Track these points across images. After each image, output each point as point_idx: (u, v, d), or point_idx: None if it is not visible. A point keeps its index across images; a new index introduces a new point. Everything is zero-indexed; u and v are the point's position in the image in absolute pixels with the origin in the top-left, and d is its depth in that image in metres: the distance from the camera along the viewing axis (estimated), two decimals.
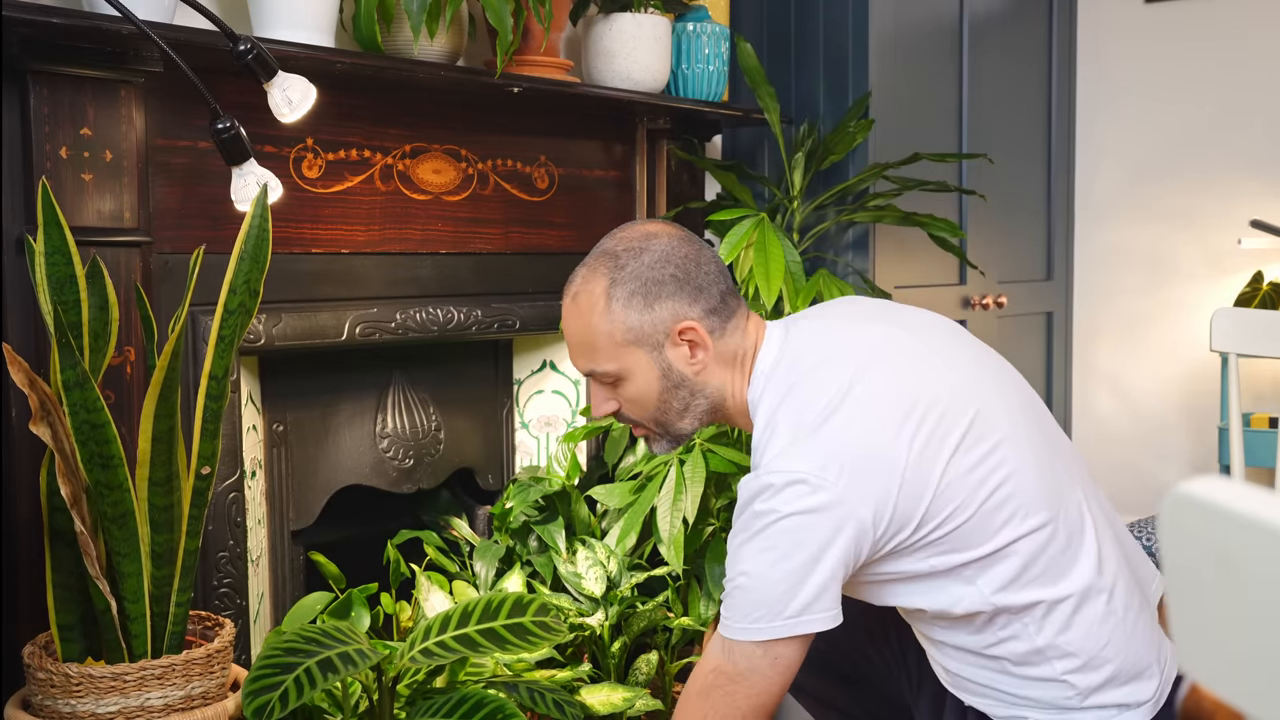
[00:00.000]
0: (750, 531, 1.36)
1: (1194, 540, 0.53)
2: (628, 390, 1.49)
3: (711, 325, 1.48)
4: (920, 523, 1.37)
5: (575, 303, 1.50)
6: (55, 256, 1.57)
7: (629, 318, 1.46)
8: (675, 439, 1.54)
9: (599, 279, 1.47)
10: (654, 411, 1.51)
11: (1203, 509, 0.53)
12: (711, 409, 1.52)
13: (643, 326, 1.46)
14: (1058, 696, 1.43)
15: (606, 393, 1.52)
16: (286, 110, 1.79)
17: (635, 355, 1.47)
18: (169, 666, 1.58)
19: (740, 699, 1.39)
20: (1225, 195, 3.30)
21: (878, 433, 1.36)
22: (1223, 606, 0.53)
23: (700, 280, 1.47)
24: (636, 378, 1.48)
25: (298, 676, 1.36)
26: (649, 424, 1.53)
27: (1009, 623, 1.42)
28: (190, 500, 1.64)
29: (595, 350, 1.48)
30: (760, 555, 1.35)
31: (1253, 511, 0.51)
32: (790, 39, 2.95)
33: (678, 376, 1.48)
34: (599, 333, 1.47)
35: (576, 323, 1.50)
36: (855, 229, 2.85)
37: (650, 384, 1.48)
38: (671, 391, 1.49)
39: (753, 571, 1.36)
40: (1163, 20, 3.40)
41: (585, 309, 1.48)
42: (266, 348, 2.05)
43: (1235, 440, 2.17)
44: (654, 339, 1.46)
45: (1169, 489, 0.54)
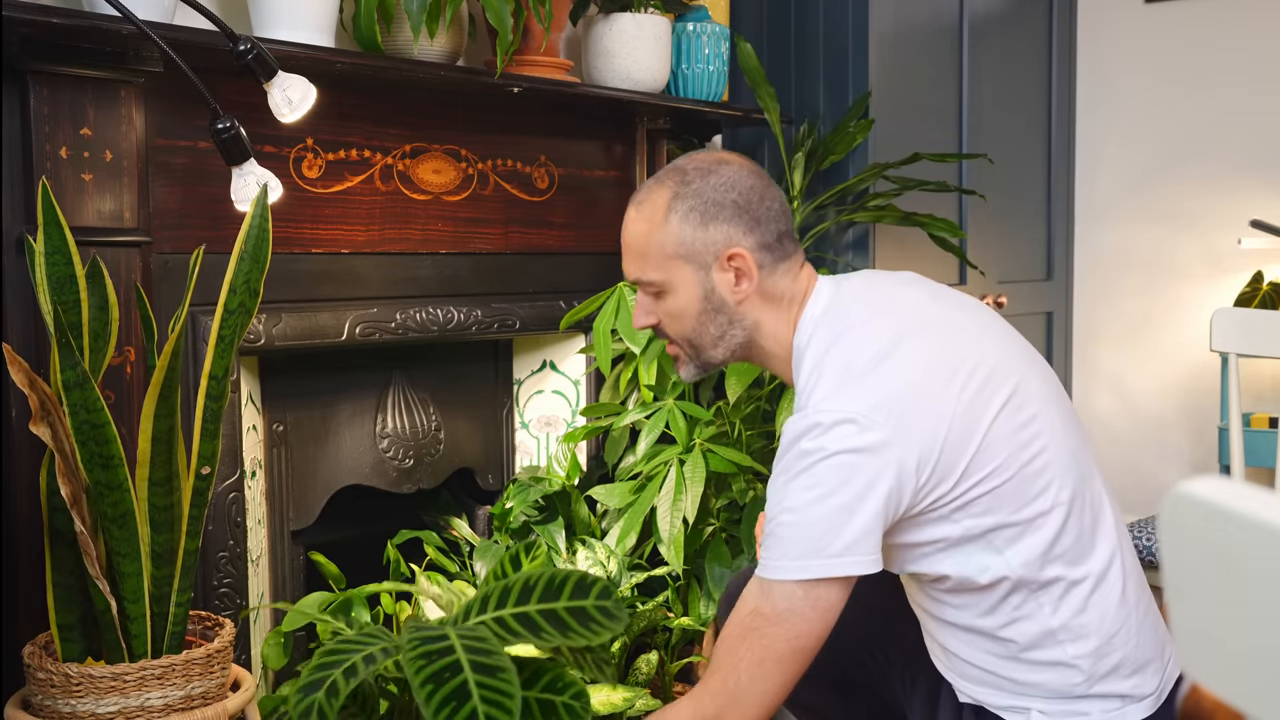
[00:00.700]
0: (795, 469, 1.36)
1: (1194, 540, 0.53)
2: (669, 304, 1.51)
3: (762, 260, 1.49)
4: (961, 476, 1.37)
5: (638, 209, 1.53)
6: (55, 256, 1.57)
7: (683, 232, 1.48)
8: (703, 365, 1.54)
9: (664, 190, 1.50)
10: (690, 332, 1.51)
11: (1203, 509, 0.53)
12: (746, 343, 1.52)
13: (694, 243, 1.48)
14: (1064, 683, 1.43)
15: (649, 304, 1.54)
16: (286, 110, 1.79)
17: (682, 270, 1.49)
18: (169, 666, 1.58)
19: (779, 641, 1.36)
20: (1225, 195, 3.30)
21: (927, 380, 1.38)
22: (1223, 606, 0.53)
23: (760, 214, 1.49)
24: (679, 293, 1.49)
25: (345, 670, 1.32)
26: (683, 344, 1.53)
27: (1025, 601, 1.41)
28: (190, 500, 1.64)
29: (646, 258, 1.50)
30: (804, 493, 1.35)
31: (1253, 511, 0.51)
32: (790, 39, 2.95)
33: (719, 301, 1.49)
34: (652, 241, 1.49)
35: (634, 228, 1.53)
36: (855, 229, 2.85)
37: (691, 302, 1.49)
38: (710, 315, 1.50)
39: (796, 509, 1.35)
40: (1163, 20, 3.40)
41: (645, 216, 1.51)
42: (266, 348, 2.05)
43: (1235, 440, 2.17)
44: (703, 258, 1.48)
45: (1169, 489, 0.54)
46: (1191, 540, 0.53)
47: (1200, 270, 3.36)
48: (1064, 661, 1.42)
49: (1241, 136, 3.28)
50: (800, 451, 1.36)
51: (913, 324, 1.44)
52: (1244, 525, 0.51)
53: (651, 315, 1.54)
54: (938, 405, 1.36)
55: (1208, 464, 3.34)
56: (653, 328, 1.56)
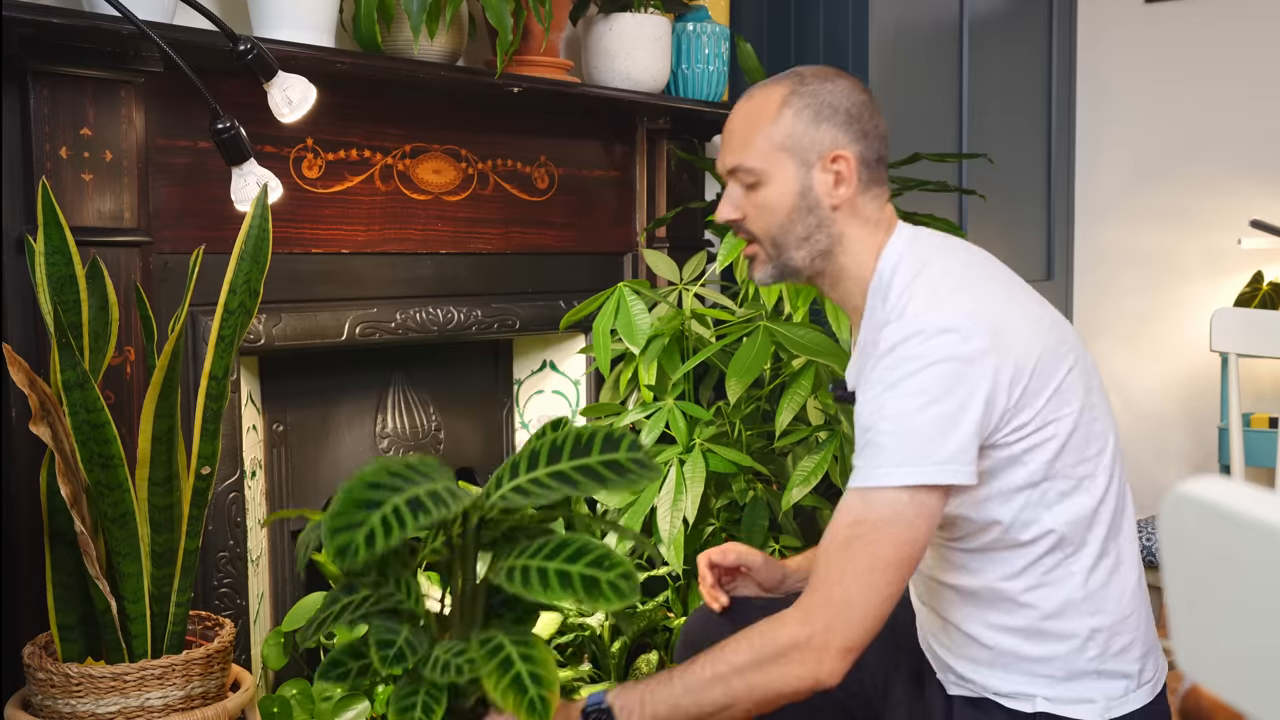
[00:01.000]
0: (897, 375, 1.36)
1: (1194, 540, 0.53)
2: (762, 196, 1.50)
3: (860, 173, 1.50)
4: (1043, 408, 1.38)
5: (748, 100, 1.53)
6: (55, 256, 1.57)
7: (794, 126, 1.48)
8: (781, 268, 1.52)
9: (779, 87, 1.51)
10: (777, 228, 1.50)
11: (1203, 509, 0.53)
12: (827, 253, 1.51)
13: (802, 139, 1.48)
14: (1077, 658, 1.43)
15: (739, 197, 1.52)
16: (286, 110, 1.79)
17: (784, 163, 1.48)
18: (169, 666, 1.58)
19: (886, 548, 1.33)
20: (1225, 195, 3.30)
21: (1016, 313, 1.41)
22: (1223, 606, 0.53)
23: (868, 129, 1.50)
24: (775, 185, 1.49)
25: (385, 516, 1.19)
26: (765, 241, 1.51)
27: (1058, 564, 1.42)
28: (190, 500, 1.64)
29: (748, 146, 1.50)
30: (909, 399, 1.34)
31: (1253, 511, 0.51)
32: (790, 39, 2.95)
33: (813, 200, 1.49)
34: (760, 130, 1.49)
35: (741, 117, 1.52)
36: None
37: (786, 197, 1.49)
38: (801, 213, 1.49)
39: (898, 416, 1.34)
40: (1163, 20, 3.40)
41: (755, 107, 1.51)
42: (266, 348, 2.05)
43: (1235, 440, 2.17)
44: (807, 155, 1.48)
45: (1169, 489, 0.54)
46: (1191, 540, 0.53)
47: (1200, 270, 3.35)
48: (1080, 634, 1.43)
49: (1241, 136, 3.28)
50: (903, 357, 1.36)
51: (994, 271, 1.50)
52: (1244, 525, 0.51)
53: (738, 210, 1.52)
54: (1026, 332, 1.39)
55: (1208, 464, 3.34)
56: (734, 224, 1.54)
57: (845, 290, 1.53)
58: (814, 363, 2.25)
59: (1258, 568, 0.50)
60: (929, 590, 1.54)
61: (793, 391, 2.24)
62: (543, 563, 1.29)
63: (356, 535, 1.17)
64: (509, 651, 1.27)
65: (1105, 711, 1.44)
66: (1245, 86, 3.26)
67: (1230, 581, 0.52)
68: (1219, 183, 3.31)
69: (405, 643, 1.31)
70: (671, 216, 2.68)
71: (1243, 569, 0.51)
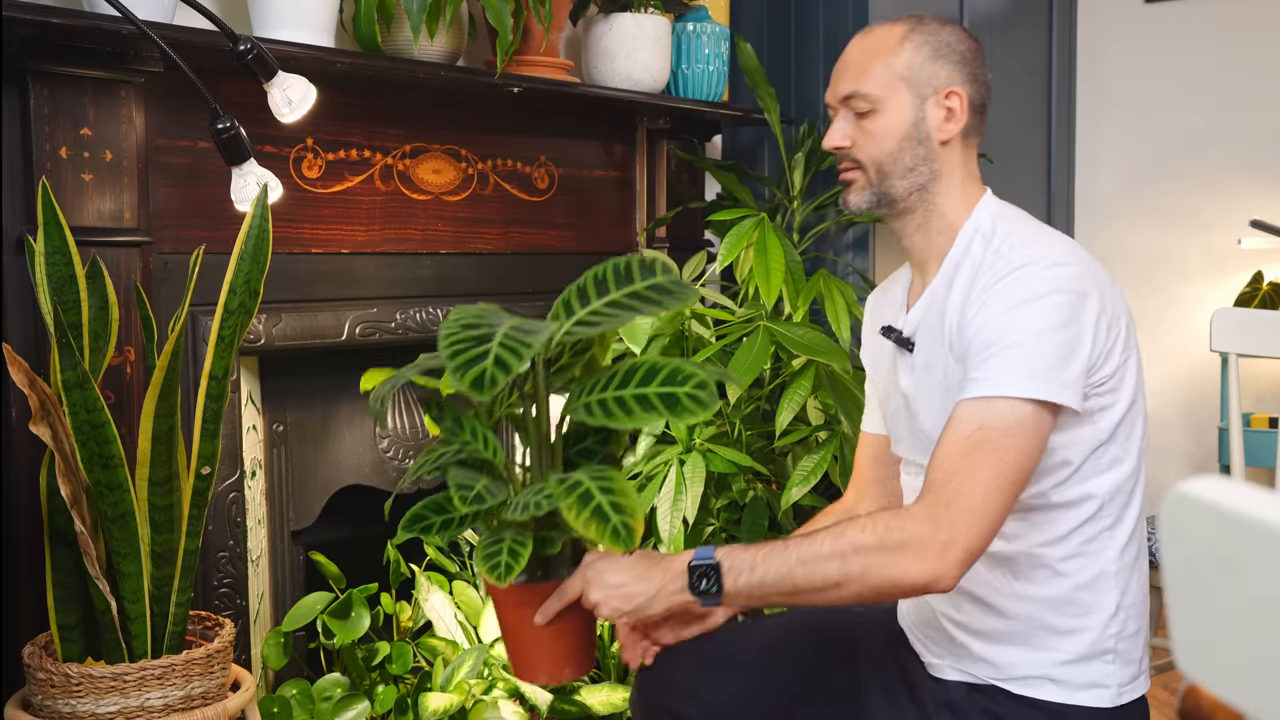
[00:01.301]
0: (1024, 295, 1.38)
1: (1194, 540, 0.53)
2: (875, 123, 1.52)
3: (969, 115, 1.54)
4: (1119, 366, 1.43)
5: (866, 35, 1.56)
6: (55, 256, 1.57)
7: (913, 59, 1.52)
8: (879, 196, 1.54)
9: (899, 25, 1.55)
10: (885, 155, 1.52)
11: (1203, 509, 0.53)
12: (926, 187, 1.53)
13: (920, 71, 1.52)
14: (1100, 636, 1.44)
15: (848, 125, 1.55)
16: (286, 110, 1.79)
17: (900, 93, 1.52)
18: (169, 666, 1.58)
19: (1010, 455, 1.34)
20: (1225, 195, 3.30)
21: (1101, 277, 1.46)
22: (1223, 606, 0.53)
23: (978, 74, 1.55)
24: (890, 114, 1.52)
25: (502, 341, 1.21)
26: (870, 168, 1.53)
27: (1099, 534, 1.44)
28: (190, 500, 1.64)
29: (867, 72, 1.53)
30: (1039, 320, 1.37)
31: (1253, 511, 0.51)
32: (790, 39, 2.95)
33: (924, 132, 1.52)
34: (879, 59, 1.53)
35: (860, 48, 1.56)
36: (855, 229, 2.85)
37: (899, 126, 1.52)
38: (911, 144, 1.52)
39: (1032, 333, 1.37)
40: (1163, 20, 3.40)
41: (875, 39, 1.55)
42: (266, 348, 2.05)
43: (1235, 440, 2.17)
44: (923, 88, 1.52)
45: (1169, 489, 0.54)
46: (1191, 540, 0.53)
47: (1200, 270, 3.35)
48: (1108, 609, 1.44)
49: (1241, 136, 3.28)
50: (1025, 280, 1.39)
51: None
52: (1244, 525, 0.51)
53: (846, 137, 1.54)
54: (1113, 289, 1.45)
55: (1208, 464, 3.34)
56: (839, 151, 1.56)
57: (933, 231, 1.54)
58: (814, 363, 2.25)
59: (1258, 568, 0.50)
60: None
61: (793, 391, 2.24)
62: (616, 392, 1.30)
63: (487, 364, 1.20)
64: (588, 485, 1.28)
65: (1116, 697, 1.44)
66: (1245, 86, 3.26)
67: (1230, 581, 0.52)
68: (1219, 183, 3.31)
69: (484, 488, 1.33)
70: (671, 216, 2.68)
71: (1243, 569, 0.51)
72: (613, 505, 1.25)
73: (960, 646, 1.51)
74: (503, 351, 1.21)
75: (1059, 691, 1.44)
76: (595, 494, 1.26)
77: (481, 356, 1.20)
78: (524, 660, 1.43)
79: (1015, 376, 1.36)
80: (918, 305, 1.55)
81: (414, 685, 2.04)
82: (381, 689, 2.03)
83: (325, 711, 1.99)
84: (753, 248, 2.36)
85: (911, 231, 1.56)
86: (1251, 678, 0.52)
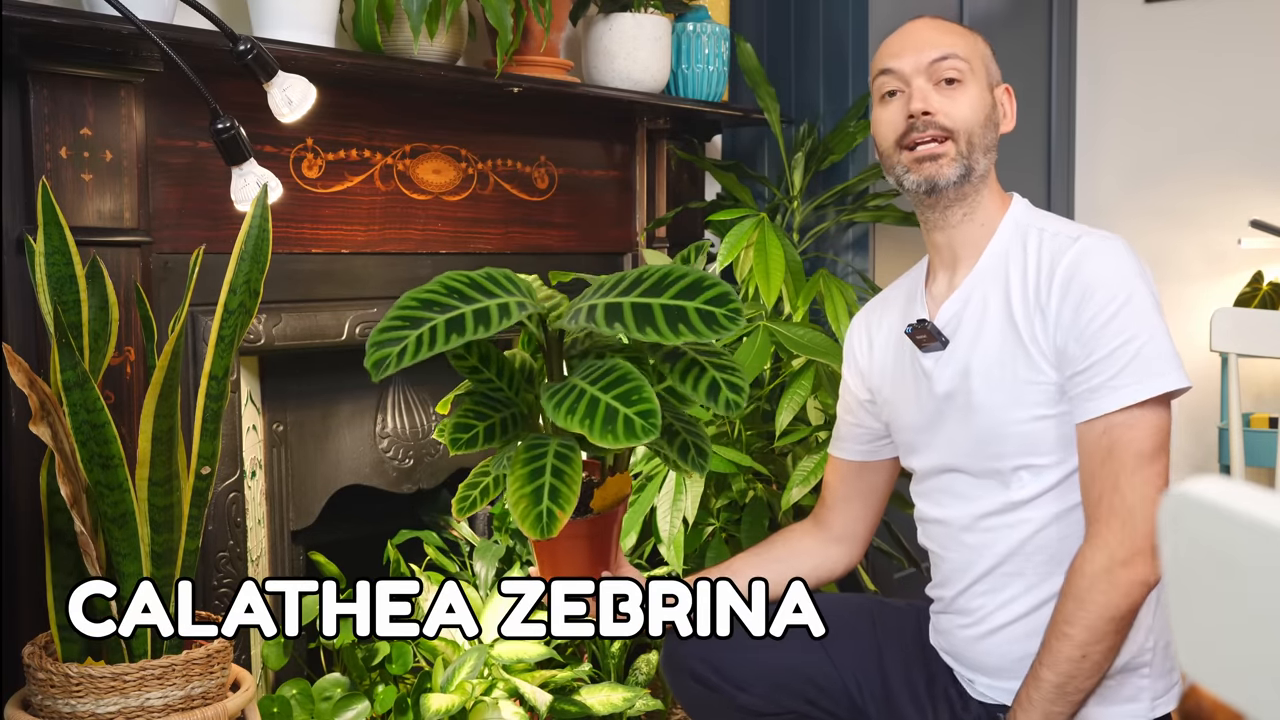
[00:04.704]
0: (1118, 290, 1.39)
1: (1194, 540, 0.53)
2: (964, 93, 1.51)
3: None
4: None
5: (933, 19, 1.56)
6: (55, 256, 1.57)
7: (984, 49, 1.56)
8: (967, 169, 1.50)
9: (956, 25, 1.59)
10: (977, 126, 1.51)
11: (1203, 509, 0.53)
12: (984, 176, 1.54)
13: (990, 62, 1.56)
14: (1138, 649, 1.43)
15: (928, 92, 1.50)
16: (286, 110, 1.79)
17: (980, 74, 1.53)
18: (169, 666, 1.58)
19: (1169, 454, 1.40)
20: (1225, 195, 3.30)
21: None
22: (1223, 606, 0.53)
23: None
24: (973, 88, 1.52)
25: (421, 334, 1.25)
26: (962, 137, 1.50)
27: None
28: (190, 500, 1.64)
29: (956, 43, 1.51)
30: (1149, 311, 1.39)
31: (1253, 511, 0.51)
32: (790, 39, 2.95)
33: (996, 118, 1.55)
34: (963, 35, 1.54)
35: (935, 26, 1.55)
36: (855, 229, 2.85)
37: (982, 102, 1.52)
38: (989, 125, 1.54)
39: (1153, 327, 1.39)
40: (1163, 20, 3.39)
41: (946, 23, 1.56)
42: (266, 348, 2.05)
43: (1235, 440, 2.17)
44: (992, 77, 1.56)
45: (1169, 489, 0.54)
46: (1191, 540, 0.53)
47: (1200, 270, 3.35)
48: (1144, 620, 1.43)
49: (1242, 136, 3.28)
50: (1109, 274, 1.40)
51: None
52: (1244, 525, 0.51)
53: (932, 103, 1.49)
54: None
55: (1208, 464, 3.34)
56: (924, 118, 1.49)
57: (973, 227, 1.53)
58: (814, 363, 2.25)
59: (1258, 568, 0.50)
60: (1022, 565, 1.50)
61: (793, 391, 2.24)
62: (586, 385, 1.27)
63: (391, 351, 1.24)
64: (546, 461, 1.27)
65: (1150, 711, 1.44)
66: (1245, 86, 3.26)
67: (1230, 581, 0.52)
68: (1219, 183, 3.31)
69: (485, 429, 1.35)
70: (671, 216, 2.68)
71: (1243, 569, 0.51)
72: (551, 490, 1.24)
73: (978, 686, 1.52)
74: (413, 344, 1.24)
75: (1097, 704, 1.43)
76: (546, 474, 1.25)
77: (397, 340, 1.24)
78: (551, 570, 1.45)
79: (1154, 376, 1.38)
80: (952, 301, 1.52)
81: (414, 685, 2.04)
82: (381, 689, 2.03)
83: (325, 711, 1.99)
84: (753, 248, 2.36)
85: (955, 222, 1.52)
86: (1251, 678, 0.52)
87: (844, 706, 1.57)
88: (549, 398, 1.26)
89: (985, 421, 1.46)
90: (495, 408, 1.38)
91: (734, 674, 1.56)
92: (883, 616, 1.65)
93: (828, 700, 1.57)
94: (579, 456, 1.30)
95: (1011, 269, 1.46)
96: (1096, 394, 1.37)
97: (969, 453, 1.48)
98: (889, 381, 1.60)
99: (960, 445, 1.49)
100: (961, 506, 1.50)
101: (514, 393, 1.37)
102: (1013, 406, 1.42)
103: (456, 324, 1.26)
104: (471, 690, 2.00)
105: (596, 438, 1.20)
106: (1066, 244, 1.43)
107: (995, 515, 1.47)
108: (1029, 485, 1.44)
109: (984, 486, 1.48)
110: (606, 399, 1.23)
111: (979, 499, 1.48)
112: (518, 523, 1.23)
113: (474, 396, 1.39)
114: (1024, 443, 1.43)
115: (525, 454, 1.28)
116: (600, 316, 1.26)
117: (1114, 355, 1.37)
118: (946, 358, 1.50)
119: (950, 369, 1.49)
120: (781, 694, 1.56)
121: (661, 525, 2.19)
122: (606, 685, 2.13)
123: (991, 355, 1.46)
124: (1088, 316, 1.38)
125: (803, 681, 1.56)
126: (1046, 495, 1.44)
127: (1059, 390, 1.41)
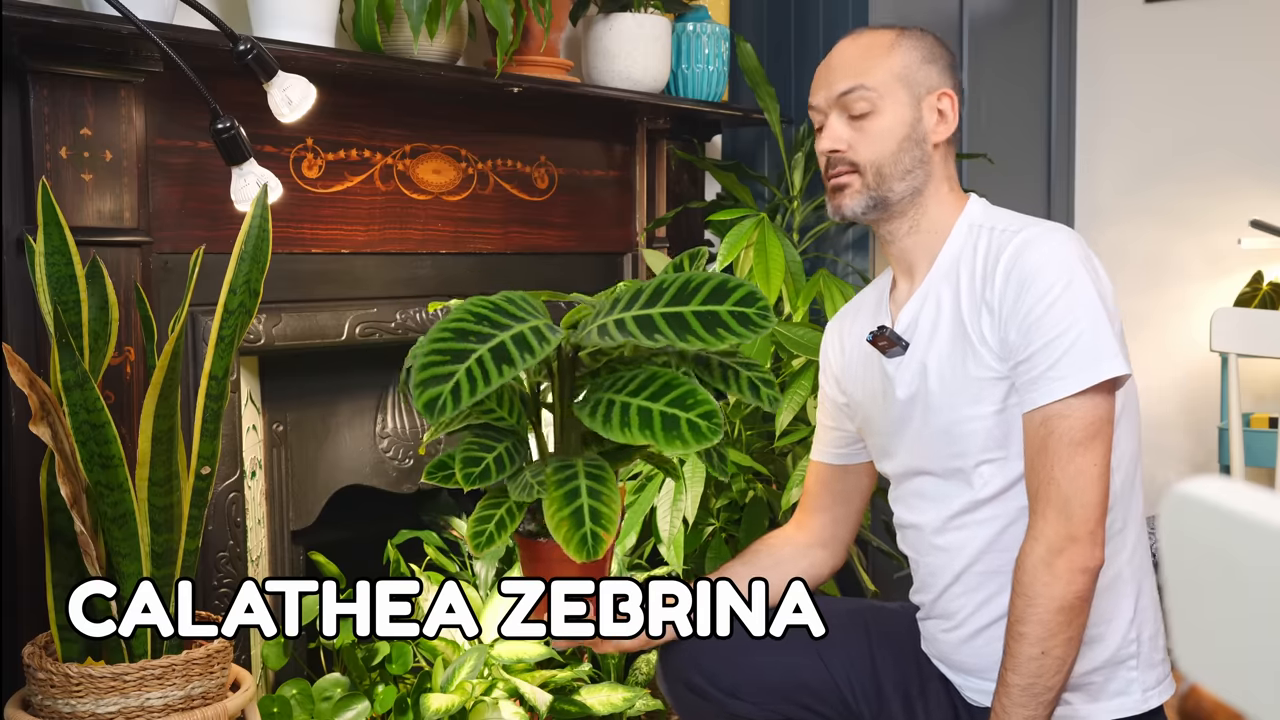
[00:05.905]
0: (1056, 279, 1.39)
1: (1194, 540, 0.53)
2: (874, 124, 1.50)
3: (958, 117, 1.55)
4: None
5: (856, 37, 1.56)
6: (55, 256, 1.57)
7: (908, 59, 1.52)
8: (879, 199, 1.51)
9: (887, 30, 1.56)
10: (884, 157, 1.50)
11: (1203, 509, 0.52)
12: (919, 190, 1.52)
13: (916, 73, 1.52)
14: (1121, 641, 1.44)
15: (843, 126, 1.52)
16: (286, 110, 1.79)
17: (897, 94, 1.51)
18: (169, 666, 1.58)
19: (1110, 441, 1.39)
20: (1225, 195, 3.29)
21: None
22: (1223, 606, 0.53)
23: (958, 82, 1.57)
24: (887, 115, 1.50)
25: (470, 369, 1.16)
26: (869, 170, 1.51)
27: (1113, 537, 1.44)
28: (190, 500, 1.64)
29: (865, 70, 1.51)
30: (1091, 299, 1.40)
31: (1253, 511, 0.51)
32: (790, 39, 2.95)
33: (920, 134, 1.51)
34: (876, 58, 1.52)
35: (854, 49, 1.54)
36: (855, 229, 2.85)
37: (898, 125, 1.51)
38: (909, 145, 1.51)
39: (1095, 314, 1.40)
40: (1163, 20, 3.39)
41: (867, 41, 1.54)
42: (266, 348, 2.05)
43: (1235, 440, 2.17)
44: (918, 89, 1.52)
45: (1169, 489, 0.54)
46: (1191, 540, 0.53)
47: (1200, 270, 3.35)
48: (1125, 612, 1.44)
49: (1241, 136, 3.28)
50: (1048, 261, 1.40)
51: None
52: (1244, 525, 0.51)
53: (840, 140, 1.52)
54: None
55: (1208, 464, 3.34)
56: (834, 155, 1.53)
57: (922, 236, 1.53)
58: (814, 363, 2.25)
59: (1258, 568, 0.50)
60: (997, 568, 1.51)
61: (792, 391, 2.24)
62: (627, 398, 1.24)
63: (444, 388, 1.16)
64: (579, 483, 1.24)
65: (1142, 703, 1.45)
66: (1245, 86, 3.26)
67: (1230, 581, 0.52)
68: (1219, 183, 3.31)
69: (494, 460, 1.29)
70: (671, 216, 2.68)
71: (1243, 569, 0.51)
72: (591, 511, 1.22)
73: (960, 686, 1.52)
74: (465, 380, 1.16)
75: (1087, 700, 1.43)
76: (582, 494, 1.24)
77: (444, 379, 1.17)
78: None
79: (1089, 367, 1.38)
80: (909, 305, 1.53)
81: (414, 685, 2.04)
82: (381, 689, 2.03)
83: (325, 711, 1.99)
84: (753, 248, 2.36)
85: (902, 235, 1.54)
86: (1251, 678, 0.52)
87: (838, 711, 1.58)
88: (591, 416, 1.24)
89: (943, 421, 1.48)
90: (498, 437, 1.35)
91: (727, 681, 1.56)
92: (876, 620, 1.65)
93: (821, 705, 1.58)
94: (612, 474, 1.30)
95: (962, 269, 1.48)
96: (1036, 385, 1.39)
97: (933, 454, 1.50)
98: (859, 387, 1.62)
99: (925, 447, 1.51)
100: (932, 509, 1.52)
101: (515, 420, 1.35)
102: (968, 404, 1.44)
103: (502, 354, 1.19)
104: (471, 690, 2.00)
105: (663, 446, 1.19)
106: (1009, 238, 1.44)
107: (964, 514, 1.49)
108: (992, 481, 1.46)
109: (950, 486, 1.49)
110: (658, 407, 1.21)
111: (947, 500, 1.50)
112: (563, 546, 1.22)
113: (474, 429, 1.36)
114: (983, 439, 1.45)
115: (556, 476, 1.27)
116: (634, 329, 1.23)
117: (1051, 345, 1.38)
118: (906, 362, 1.52)
119: (909, 372, 1.51)
120: (775, 699, 1.57)
121: (661, 525, 2.19)
122: (606, 685, 2.13)
123: (944, 355, 1.47)
124: (1027, 306, 1.40)
125: (796, 686, 1.57)
126: (1012, 490, 1.46)
127: (1010, 383, 1.43)
